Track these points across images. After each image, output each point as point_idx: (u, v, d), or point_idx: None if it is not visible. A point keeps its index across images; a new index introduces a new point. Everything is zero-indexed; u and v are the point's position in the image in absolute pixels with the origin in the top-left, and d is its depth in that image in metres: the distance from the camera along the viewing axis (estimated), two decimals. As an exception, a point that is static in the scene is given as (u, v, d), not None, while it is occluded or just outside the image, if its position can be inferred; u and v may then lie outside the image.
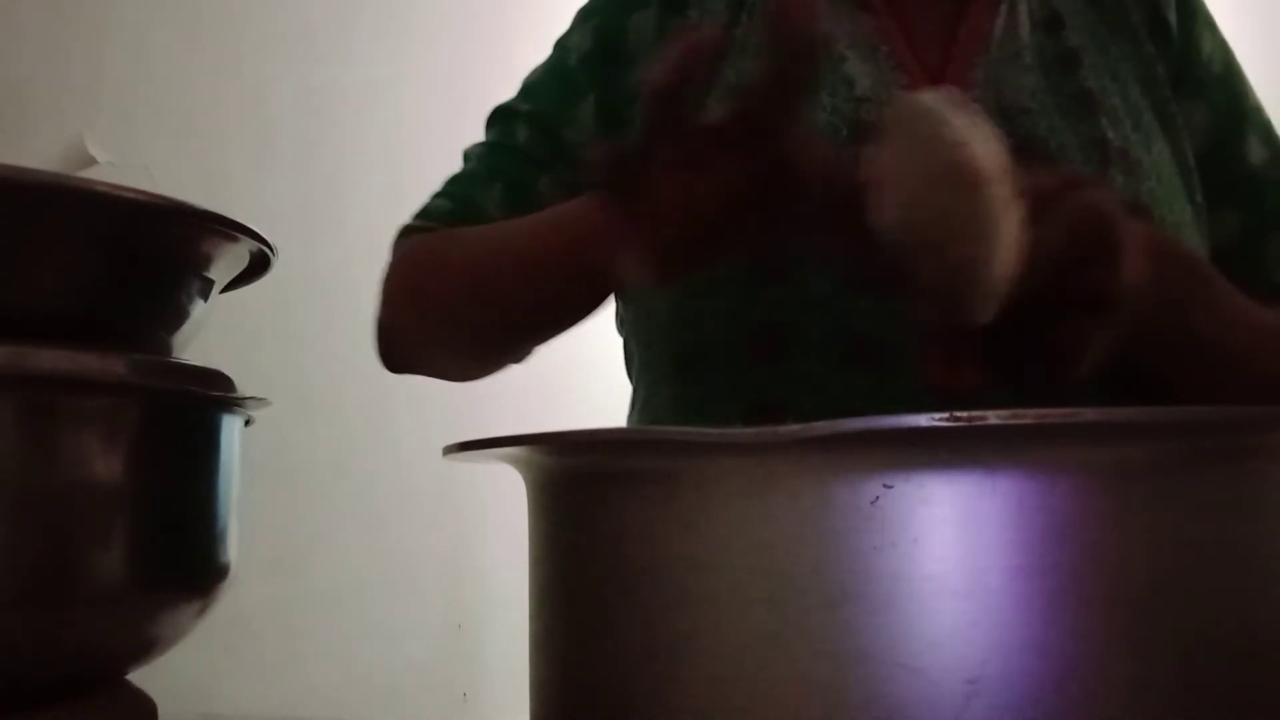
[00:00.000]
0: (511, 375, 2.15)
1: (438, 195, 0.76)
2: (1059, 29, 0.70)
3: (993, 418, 0.24)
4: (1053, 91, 0.67)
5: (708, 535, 0.29)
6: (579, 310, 0.65)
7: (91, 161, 1.29)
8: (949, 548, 0.26)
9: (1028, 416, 0.25)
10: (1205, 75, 0.73)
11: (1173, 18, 0.72)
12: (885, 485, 0.26)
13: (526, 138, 0.74)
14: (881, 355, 0.62)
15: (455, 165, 0.80)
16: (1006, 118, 0.65)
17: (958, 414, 0.24)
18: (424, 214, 0.75)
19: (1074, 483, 0.26)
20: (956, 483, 0.26)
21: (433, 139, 1.91)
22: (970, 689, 0.26)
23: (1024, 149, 0.63)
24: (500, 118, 0.76)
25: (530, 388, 2.27)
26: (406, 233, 0.75)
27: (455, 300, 0.69)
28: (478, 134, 0.79)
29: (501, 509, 1.99)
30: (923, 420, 0.25)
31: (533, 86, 0.77)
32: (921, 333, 0.61)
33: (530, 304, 0.66)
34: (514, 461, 0.37)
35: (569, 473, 0.35)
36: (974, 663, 0.26)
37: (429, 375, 0.78)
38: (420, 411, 1.82)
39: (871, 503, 0.26)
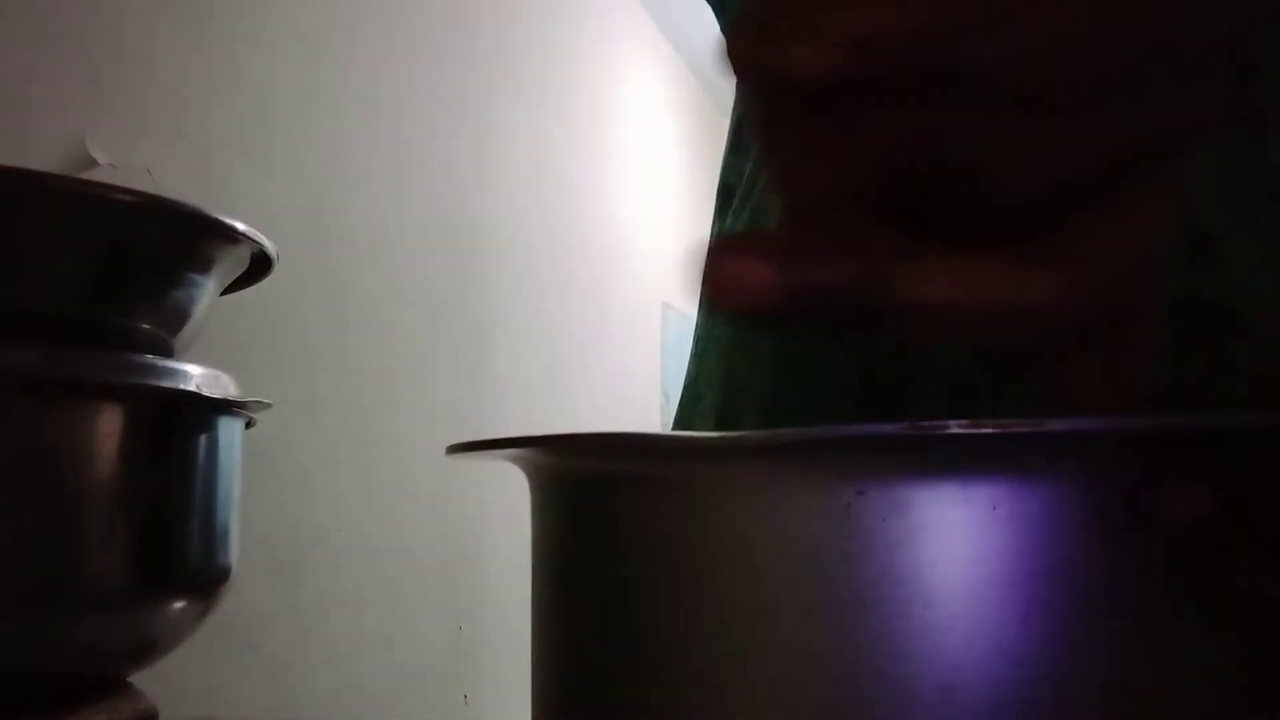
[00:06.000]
0: (512, 376, 2.14)
1: None
2: (1248, 80, 0.55)
3: (953, 426, 0.24)
4: (1236, 168, 0.55)
5: (681, 540, 0.29)
6: None
7: (93, 163, 1.29)
8: (922, 555, 0.26)
9: (988, 425, 0.25)
10: None
11: None
12: (857, 492, 0.26)
13: None
14: None
15: (455, 166, 0.80)
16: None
17: (919, 424, 0.24)
18: None
19: (1046, 491, 0.26)
20: (929, 490, 0.26)
21: (433, 140, 1.91)
22: (942, 697, 0.26)
23: (1195, 245, 0.53)
24: None
25: (529, 389, 2.27)
26: None
27: None
28: (477, 134, 0.79)
29: (502, 511, 1.99)
30: (890, 428, 0.25)
31: None
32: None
33: None
34: (518, 461, 0.38)
35: (568, 474, 0.35)
36: (946, 670, 0.26)
37: None
38: (421, 413, 1.82)
39: (844, 509, 0.26)
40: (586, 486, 0.33)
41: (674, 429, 0.72)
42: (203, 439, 0.48)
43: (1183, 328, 0.53)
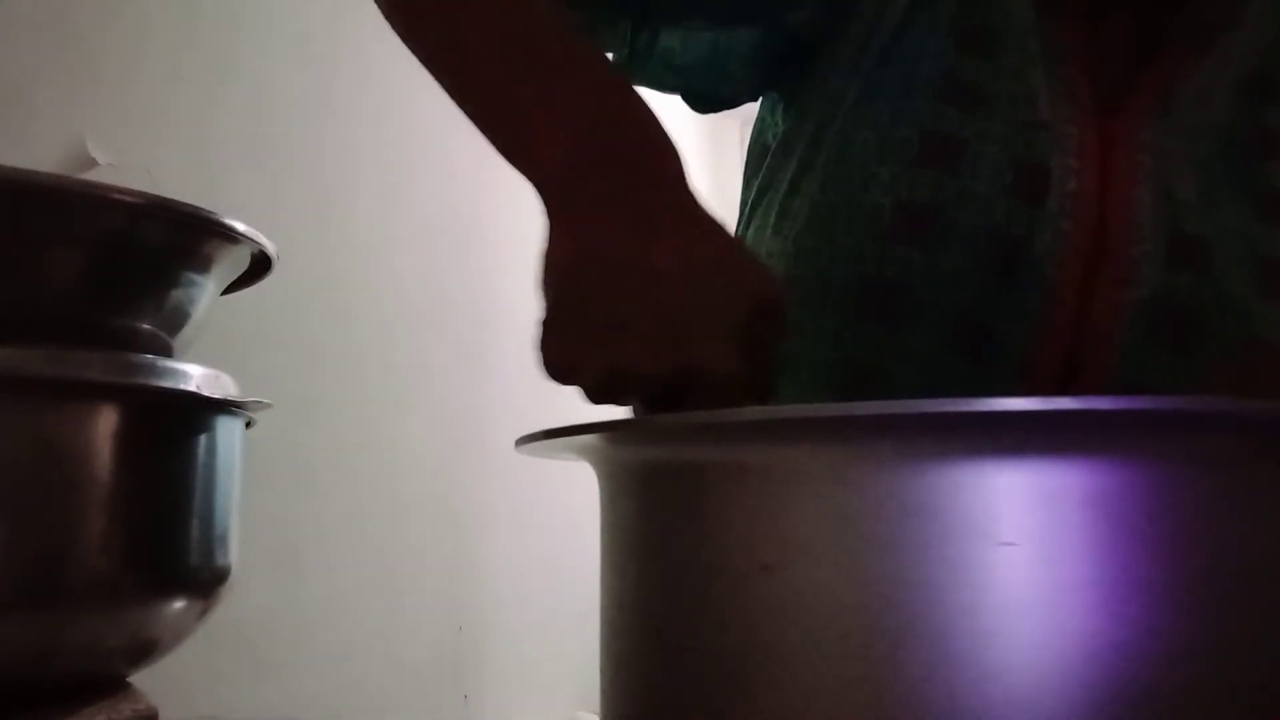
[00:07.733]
0: (512, 376, 2.13)
1: None
2: (1264, 101, 0.58)
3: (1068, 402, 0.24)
4: (1234, 184, 0.56)
5: (785, 533, 0.28)
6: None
7: (93, 163, 1.30)
8: (1016, 549, 0.26)
9: (1102, 403, 0.24)
10: None
11: None
12: (971, 480, 0.26)
13: None
14: None
15: (454, 166, 0.79)
16: (1170, 201, 0.55)
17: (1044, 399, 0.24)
18: None
19: (1169, 476, 0.26)
20: (1023, 473, 0.26)
21: (431, 141, 1.91)
22: (1051, 686, 0.25)
23: (1182, 247, 0.54)
24: None
25: (531, 389, 2.27)
26: None
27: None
28: (476, 136, 0.79)
29: (502, 511, 1.99)
30: (1015, 404, 0.24)
31: None
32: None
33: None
34: (584, 452, 0.37)
35: (647, 464, 0.34)
36: (1056, 664, 0.26)
37: None
38: (421, 413, 1.82)
39: (955, 500, 0.26)
40: (669, 475, 0.32)
41: None
42: (203, 439, 0.48)
43: (1152, 327, 0.54)
